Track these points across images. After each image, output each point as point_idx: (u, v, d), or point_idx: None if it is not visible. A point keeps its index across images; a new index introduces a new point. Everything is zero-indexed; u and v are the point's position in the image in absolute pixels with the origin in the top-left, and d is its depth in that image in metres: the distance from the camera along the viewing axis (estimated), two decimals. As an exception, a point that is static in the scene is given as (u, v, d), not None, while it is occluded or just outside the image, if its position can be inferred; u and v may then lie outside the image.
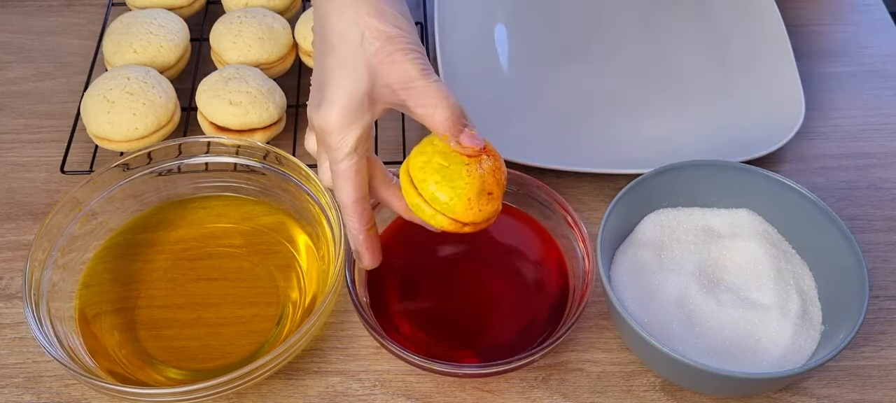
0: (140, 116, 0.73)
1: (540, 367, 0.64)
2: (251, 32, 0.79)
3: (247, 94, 0.74)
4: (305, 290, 0.67)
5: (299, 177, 0.69)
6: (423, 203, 0.59)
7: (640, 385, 0.64)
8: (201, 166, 0.72)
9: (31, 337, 0.65)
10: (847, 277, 0.63)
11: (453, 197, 0.58)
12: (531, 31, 0.89)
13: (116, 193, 0.70)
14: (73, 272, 0.67)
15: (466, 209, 0.58)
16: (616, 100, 0.83)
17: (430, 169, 0.59)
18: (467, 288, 0.68)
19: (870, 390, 0.64)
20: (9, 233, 0.73)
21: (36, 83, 0.86)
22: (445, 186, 0.58)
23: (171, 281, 0.68)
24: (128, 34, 0.79)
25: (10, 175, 0.78)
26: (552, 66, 0.86)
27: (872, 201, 0.75)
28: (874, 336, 0.66)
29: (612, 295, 0.61)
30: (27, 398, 0.64)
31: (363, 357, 0.66)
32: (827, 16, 0.93)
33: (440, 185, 0.58)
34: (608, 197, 0.66)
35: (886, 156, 0.78)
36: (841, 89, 0.85)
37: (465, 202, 0.58)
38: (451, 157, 0.59)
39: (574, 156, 0.76)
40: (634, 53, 0.86)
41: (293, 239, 0.70)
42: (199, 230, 0.71)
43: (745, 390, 0.62)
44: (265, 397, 0.63)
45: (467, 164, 0.58)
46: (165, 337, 0.65)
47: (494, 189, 0.59)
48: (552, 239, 0.69)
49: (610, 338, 0.66)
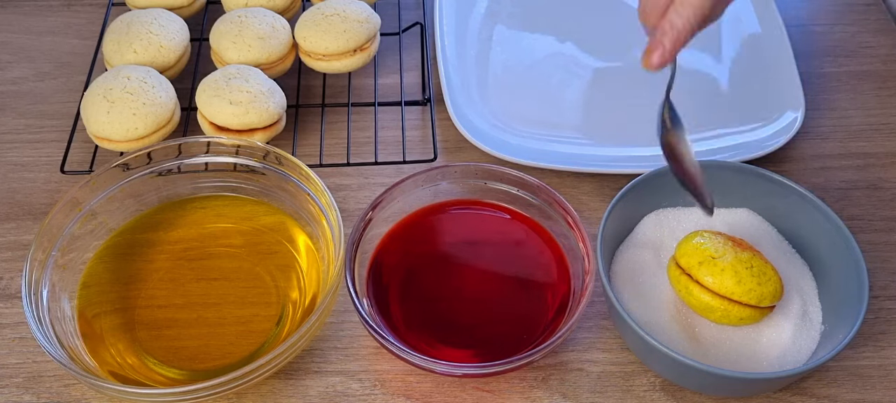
0: (140, 116, 0.73)
1: (540, 367, 0.65)
2: (251, 32, 0.79)
3: (247, 94, 0.74)
4: (305, 290, 0.67)
5: (299, 177, 0.69)
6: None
7: (640, 385, 0.64)
8: (201, 166, 0.72)
9: (31, 337, 0.65)
10: (847, 277, 0.63)
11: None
12: (531, 32, 0.89)
13: (116, 193, 0.70)
14: (73, 272, 0.67)
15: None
16: (616, 100, 0.83)
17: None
18: (467, 288, 0.68)
19: (870, 390, 0.64)
20: (9, 233, 0.73)
21: (36, 83, 0.86)
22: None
23: (171, 281, 0.68)
24: (128, 34, 0.79)
25: (10, 175, 0.78)
26: (552, 67, 0.86)
27: (872, 201, 0.75)
28: (874, 336, 0.66)
29: (611, 295, 0.61)
30: (27, 398, 0.64)
31: (363, 357, 0.66)
32: (827, 16, 0.93)
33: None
34: (608, 197, 0.67)
35: (886, 156, 0.78)
36: (841, 89, 0.85)
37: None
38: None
39: (574, 156, 0.76)
40: (635, 54, 0.86)
41: (293, 239, 0.70)
42: (198, 230, 0.71)
43: (745, 390, 0.62)
44: (265, 397, 0.63)
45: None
46: (165, 337, 0.65)
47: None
48: (552, 239, 0.69)
49: (610, 338, 0.66)
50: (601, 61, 0.86)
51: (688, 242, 0.62)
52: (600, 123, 0.80)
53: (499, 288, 0.67)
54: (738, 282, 0.60)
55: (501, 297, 0.67)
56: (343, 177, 0.77)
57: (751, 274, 0.60)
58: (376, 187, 0.75)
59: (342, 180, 0.76)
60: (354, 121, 0.81)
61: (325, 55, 0.80)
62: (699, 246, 0.62)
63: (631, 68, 0.85)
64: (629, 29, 0.89)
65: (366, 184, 0.76)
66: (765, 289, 0.60)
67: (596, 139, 0.79)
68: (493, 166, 0.70)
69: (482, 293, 0.67)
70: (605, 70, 0.85)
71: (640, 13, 0.63)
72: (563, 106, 0.82)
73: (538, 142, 0.78)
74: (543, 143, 0.78)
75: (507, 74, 0.85)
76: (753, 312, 0.61)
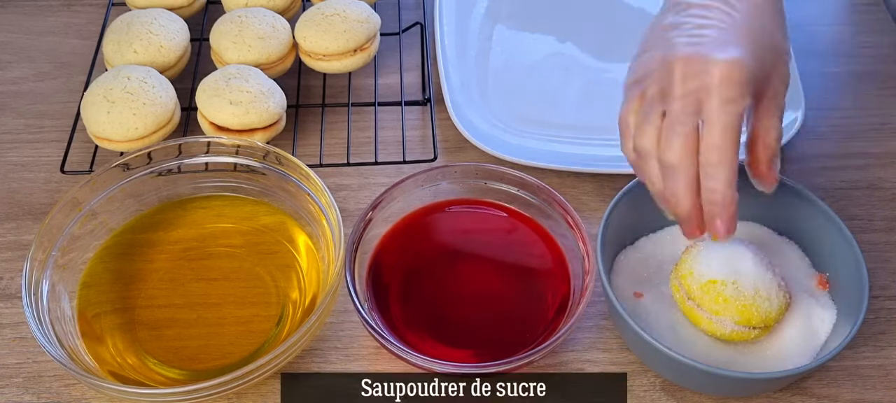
0: (140, 116, 0.73)
1: (540, 367, 0.64)
2: (251, 32, 0.79)
3: (247, 94, 0.74)
4: (305, 290, 0.67)
5: (299, 177, 0.69)
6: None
7: (640, 385, 0.64)
8: (201, 166, 0.72)
9: (31, 337, 0.65)
10: (847, 277, 0.62)
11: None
12: (531, 32, 0.89)
13: (116, 193, 0.70)
14: (73, 272, 0.67)
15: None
16: (617, 101, 0.83)
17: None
18: (467, 288, 0.68)
19: (870, 390, 0.63)
20: (9, 233, 0.73)
21: (36, 83, 0.86)
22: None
23: (171, 281, 0.68)
24: (128, 34, 0.79)
25: (10, 175, 0.78)
26: (552, 67, 0.86)
27: (872, 201, 0.75)
28: (874, 336, 0.66)
29: (611, 295, 0.61)
30: (27, 398, 0.64)
31: (363, 357, 0.66)
32: (827, 16, 0.93)
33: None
34: (608, 197, 0.66)
35: (886, 156, 0.78)
36: (841, 89, 0.84)
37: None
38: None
39: (574, 156, 0.76)
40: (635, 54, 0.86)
41: (293, 239, 0.70)
42: (199, 230, 0.71)
43: (745, 390, 0.62)
44: (265, 397, 0.63)
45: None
46: (165, 337, 0.65)
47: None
48: (552, 239, 0.69)
49: (610, 338, 0.66)
50: (601, 61, 0.86)
51: (689, 262, 0.62)
52: (601, 123, 0.80)
53: (499, 287, 0.67)
54: (741, 312, 0.59)
55: (501, 297, 0.67)
56: (343, 177, 0.77)
57: (754, 303, 0.59)
58: (376, 187, 0.74)
59: (342, 180, 0.76)
60: (354, 121, 0.81)
61: (325, 55, 0.80)
62: (701, 275, 0.60)
63: (631, 68, 0.85)
64: (629, 29, 0.89)
65: (366, 184, 0.76)
66: (769, 317, 0.60)
67: (596, 139, 0.79)
68: (493, 166, 0.70)
69: (482, 293, 0.67)
70: (606, 70, 0.85)
71: (661, 200, 0.59)
72: (564, 106, 0.82)
73: (538, 142, 0.78)
74: (543, 143, 0.78)
75: (507, 74, 0.85)
76: (760, 332, 0.61)
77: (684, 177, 0.56)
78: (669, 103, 0.56)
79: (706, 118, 0.55)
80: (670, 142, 0.56)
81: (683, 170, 0.56)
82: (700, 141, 0.56)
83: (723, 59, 0.55)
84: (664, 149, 0.56)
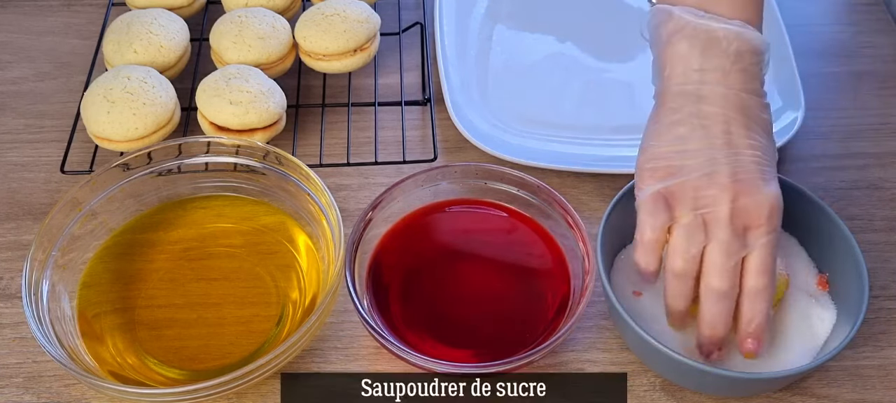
0: (140, 116, 0.73)
1: (540, 367, 0.64)
2: (251, 32, 0.79)
3: (247, 94, 0.74)
4: (305, 290, 0.67)
5: (299, 177, 0.69)
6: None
7: (640, 385, 0.64)
8: (201, 166, 0.72)
9: (31, 337, 0.65)
10: (847, 277, 0.62)
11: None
12: (531, 32, 0.89)
13: (116, 193, 0.70)
14: (73, 272, 0.67)
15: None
16: (617, 101, 0.83)
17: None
18: (467, 288, 0.68)
19: (870, 390, 0.63)
20: (9, 233, 0.73)
21: (36, 83, 0.86)
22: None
23: (171, 281, 0.68)
24: (128, 34, 0.79)
25: (10, 175, 0.78)
26: (552, 67, 0.86)
27: (872, 201, 0.75)
28: (874, 336, 0.66)
29: (611, 295, 0.61)
30: (27, 398, 0.64)
31: (363, 357, 0.66)
32: (827, 16, 0.93)
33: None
34: (608, 197, 0.66)
35: (886, 156, 0.78)
36: (841, 89, 0.84)
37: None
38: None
39: (574, 156, 0.76)
40: (635, 55, 0.86)
41: (293, 239, 0.70)
42: (199, 230, 0.71)
43: (745, 390, 0.62)
44: (265, 397, 0.63)
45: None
46: (165, 337, 0.65)
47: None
48: (552, 239, 0.69)
49: (610, 338, 0.66)
50: (601, 61, 0.86)
51: None
52: (600, 123, 0.80)
53: (499, 287, 0.67)
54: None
55: (501, 297, 0.67)
56: (343, 177, 0.77)
57: None
58: (376, 187, 0.75)
59: (342, 180, 0.76)
60: (354, 121, 0.81)
61: (325, 55, 0.80)
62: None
63: (631, 68, 0.85)
64: (629, 29, 0.89)
65: (366, 184, 0.76)
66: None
67: (596, 139, 0.79)
68: (493, 166, 0.70)
69: (482, 293, 0.67)
70: (606, 70, 0.85)
71: (680, 317, 0.61)
72: (564, 106, 0.82)
73: (538, 142, 0.78)
74: (543, 143, 0.78)
75: (507, 74, 0.85)
76: None
77: (730, 304, 0.58)
78: (718, 229, 0.57)
79: (752, 247, 0.58)
80: (723, 269, 0.57)
81: (730, 298, 0.58)
82: (742, 268, 0.58)
83: (773, 192, 0.58)
84: (713, 275, 0.58)
